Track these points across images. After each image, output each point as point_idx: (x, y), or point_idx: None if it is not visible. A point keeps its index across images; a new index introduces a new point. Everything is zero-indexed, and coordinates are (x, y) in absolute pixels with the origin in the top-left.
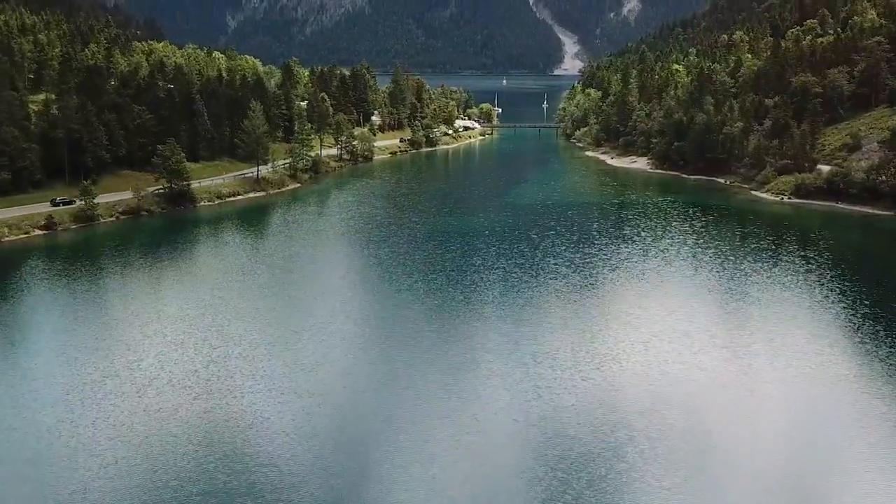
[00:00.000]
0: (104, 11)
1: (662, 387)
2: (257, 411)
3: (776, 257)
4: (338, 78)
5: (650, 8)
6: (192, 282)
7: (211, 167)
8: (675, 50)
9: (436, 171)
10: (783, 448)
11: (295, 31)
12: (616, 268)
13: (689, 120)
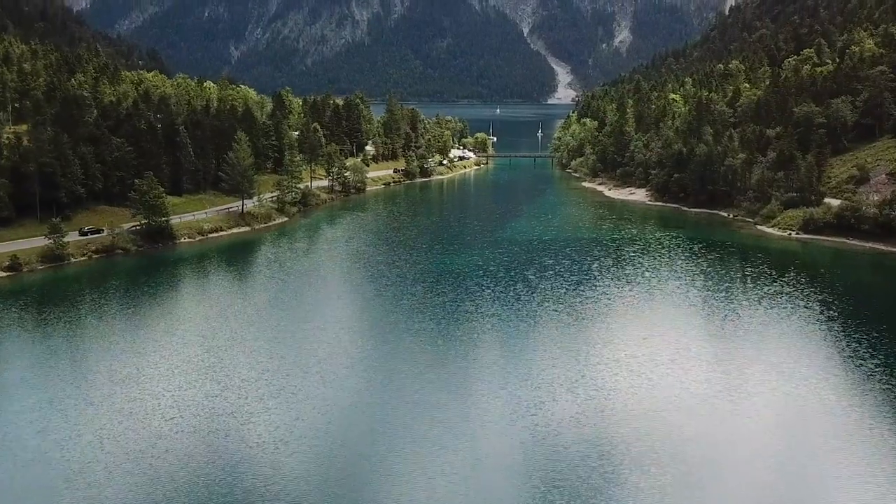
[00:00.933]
0: (107, 42)
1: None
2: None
3: (790, 301)
4: (331, 108)
5: (641, 39)
6: (164, 331)
7: (195, 201)
8: (671, 79)
9: (429, 203)
10: None
11: (296, 61)
12: (621, 314)
13: (689, 151)
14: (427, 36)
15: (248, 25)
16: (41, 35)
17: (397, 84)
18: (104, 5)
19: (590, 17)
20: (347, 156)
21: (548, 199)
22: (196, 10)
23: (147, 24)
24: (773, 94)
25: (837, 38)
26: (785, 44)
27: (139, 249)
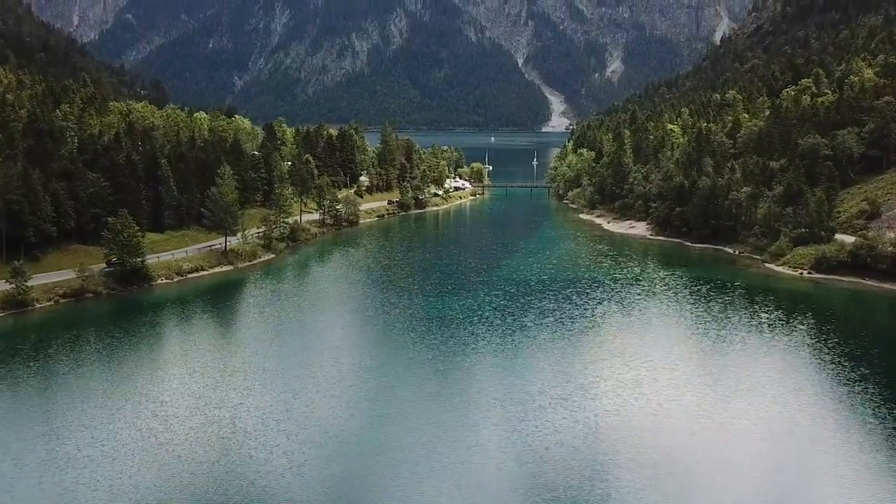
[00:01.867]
0: (111, 72)
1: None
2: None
3: (815, 354)
4: (324, 139)
5: (632, 69)
6: (125, 389)
7: (177, 238)
8: (667, 109)
9: (423, 237)
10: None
11: (298, 90)
12: (633, 368)
13: (691, 184)
14: (425, 66)
15: (251, 56)
16: (42, 66)
17: (396, 113)
18: (112, 37)
19: (582, 48)
20: (341, 187)
21: (545, 232)
22: (201, 41)
23: (154, 54)
24: (774, 125)
25: (835, 69)
26: (781, 74)
27: (111, 293)
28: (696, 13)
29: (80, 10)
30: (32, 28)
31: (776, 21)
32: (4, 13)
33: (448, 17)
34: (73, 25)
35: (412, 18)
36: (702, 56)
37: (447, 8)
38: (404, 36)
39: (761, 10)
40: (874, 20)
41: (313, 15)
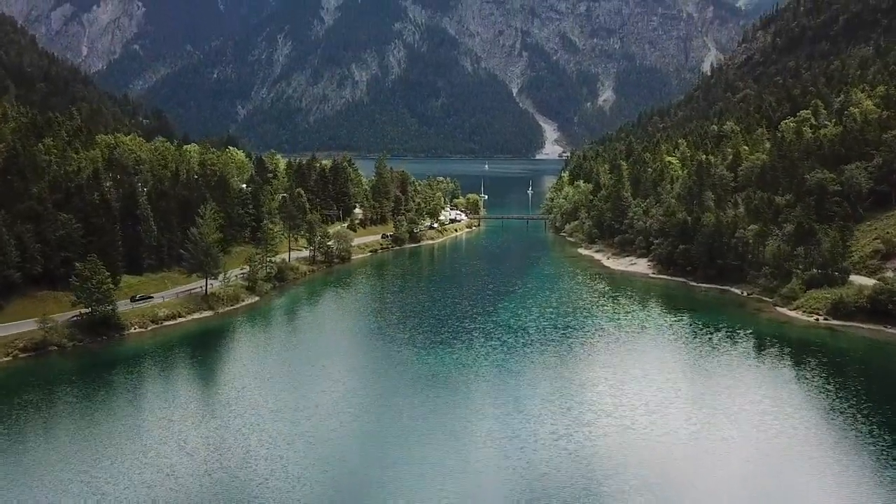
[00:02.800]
0: (113, 102)
1: None
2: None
3: (850, 422)
4: (317, 171)
5: (623, 98)
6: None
7: (156, 280)
8: (663, 139)
9: (417, 275)
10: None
11: (299, 119)
12: (649, 442)
13: (694, 220)
14: (422, 95)
15: (254, 86)
16: (43, 96)
17: (394, 140)
18: (120, 67)
19: (575, 77)
20: (334, 220)
21: (543, 269)
22: (205, 71)
23: (159, 84)
24: (778, 158)
25: (833, 99)
26: (778, 105)
27: (78, 345)
28: (684, 44)
29: (88, 41)
30: (34, 58)
31: (766, 52)
32: (7, 44)
33: (445, 49)
34: (82, 56)
35: (410, 50)
36: (693, 86)
37: (444, 40)
38: (402, 66)
39: (751, 41)
40: (865, 50)
41: (314, 46)
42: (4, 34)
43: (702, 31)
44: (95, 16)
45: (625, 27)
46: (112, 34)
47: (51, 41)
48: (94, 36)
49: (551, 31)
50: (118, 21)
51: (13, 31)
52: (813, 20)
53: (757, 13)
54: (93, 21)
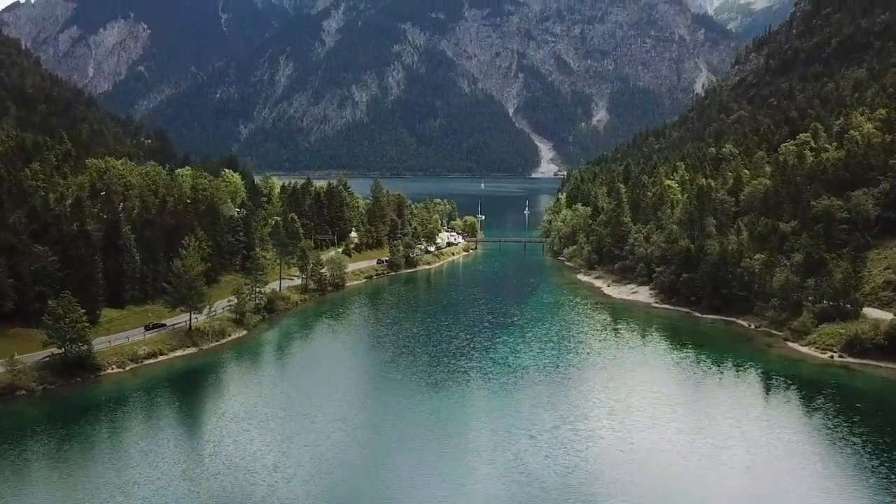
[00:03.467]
0: (116, 122)
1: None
2: None
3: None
4: (312, 196)
5: (616, 118)
6: None
7: (139, 313)
8: (660, 161)
9: (412, 304)
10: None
11: (300, 138)
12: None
13: (697, 249)
14: (421, 116)
15: (256, 106)
16: (44, 117)
17: (393, 159)
18: (125, 88)
19: (569, 98)
20: (329, 245)
21: (541, 297)
22: (209, 91)
23: (164, 104)
24: (782, 183)
25: (833, 122)
26: (776, 127)
27: (49, 388)
28: (676, 65)
29: (95, 63)
30: (36, 80)
31: (759, 73)
32: (10, 66)
33: (443, 70)
34: (89, 77)
35: (409, 71)
36: (687, 107)
37: (442, 61)
38: (401, 87)
39: (744, 63)
40: (858, 72)
41: (315, 67)
42: (7, 56)
43: (693, 53)
44: (102, 38)
45: (618, 49)
46: (118, 56)
47: (58, 62)
48: (101, 57)
49: (546, 53)
50: (124, 43)
51: (17, 53)
52: (805, 42)
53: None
54: (99, 43)
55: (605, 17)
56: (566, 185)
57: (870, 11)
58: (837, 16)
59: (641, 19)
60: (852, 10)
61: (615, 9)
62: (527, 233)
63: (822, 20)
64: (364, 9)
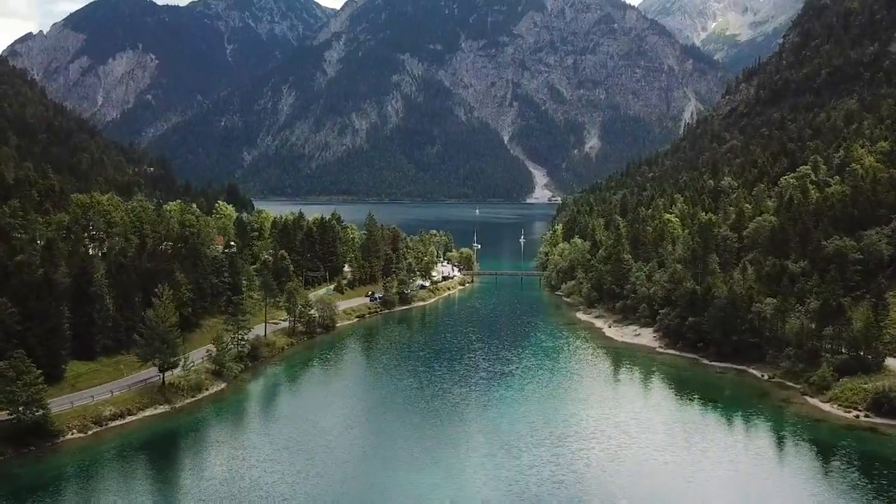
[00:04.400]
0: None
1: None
2: None
3: None
4: (303, 230)
5: (608, 145)
6: None
7: (109, 367)
8: (655, 191)
9: (405, 348)
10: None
11: (302, 165)
12: None
13: (704, 291)
14: (419, 143)
15: (259, 133)
16: (43, 147)
17: (392, 185)
18: (133, 116)
19: (562, 126)
20: (321, 281)
21: (540, 340)
22: (214, 119)
23: (170, 131)
24: (789, 221)
25: (833, 155)
26: (774, 159)
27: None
28: (665, 94)
29: (104, 92)
30: (39, 110)
31: (750, 103)
32: (13, 96)
33: (440, 99)
34: (98, 105)
35: (407, 100)
36: (679, 136)
37: (439, 91)
38: (400, 115)
39: (734, 93)
40: (850, 103)
41: (317, 96)
42: (11, 86)
43: (682, 83)
44: (111, 68)
45: (609, 79)
46: (126, 85)
47: (68, 91)
48: (110, 86)
49: (540, 82)
50: (132, 73)
51: (21, 82)
52: (795, 73)
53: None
54: (108, 73)
55: (597, 48)
56: (561, 213)
57: (859, 43)
58: (826, 47)
59: (632, 50)
60: (841, 41)
61: (606, 40)
62: (523, 263)
63: (811, 51)
64: (364, 40)
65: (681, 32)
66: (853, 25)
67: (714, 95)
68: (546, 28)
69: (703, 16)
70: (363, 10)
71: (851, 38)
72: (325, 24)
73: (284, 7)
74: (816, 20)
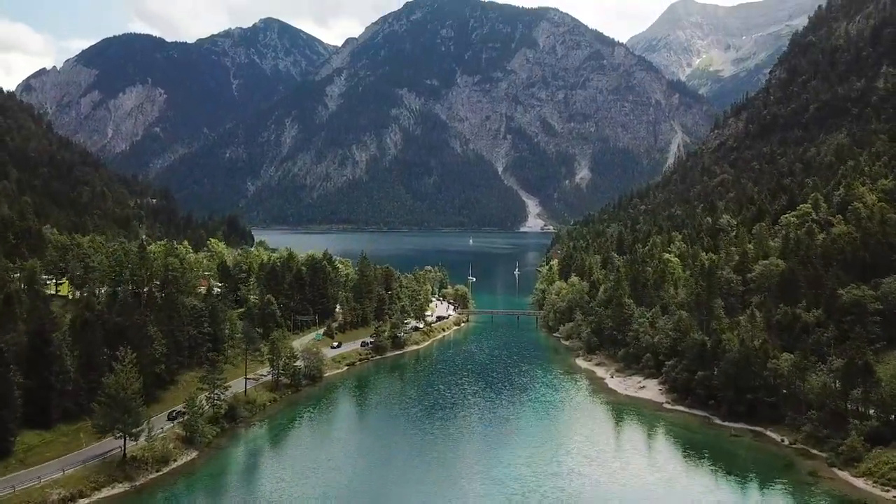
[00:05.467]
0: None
1: None
2: None
3: None
4: (293, 272)
5: (598, 176)
6: None
7: (69, 435)
8: (653, 231)
9: (395, 404)
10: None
11: (304, 195)
12: None
13: (714, 344)
14: (416, 173)
15: (263, 164)
16: (44, 181)
17: (390, 214)
18: (142, 147)
19: (554, 157)
20: (311, 325)
21: (539, 393)
22: (219, 151)
23: (177, 163)
24: (798, 264)
25: (833, 193)
26: (772, 196)
27: None
28: (653, 127)
29: (114, 125)
30: (43, 144)
31: (739, 137)
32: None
33: (437, 132)
34: (108, 137)
35: (405, 132)
36: (669, 168)
37: (436, 124)
38: (398, 147)
39: (723, 128)
40: (840, 138)
41: (319, 129)
42: (16, 120)
43: (669, 116)
44: (121, 102)
45: (599, 112)
46: (136, 118)
47: (80, 124)
48: (120, 119)
49: (533, 116)
50: (142, 106)
51: (26, 117)
52: (783, 108)
53: (717, 99)
54: (118, 106)
55: (587, 84)
56: (555, 245)
57: (845, 79)
58: (813, 83)
59: (620, 85)
60: (828, 77)
61: (596, 76)
62: (518, 298)
63: (798, 87)
64: (364, 75)
65: (667, 68)
66: (839, 62)
67: (699, 128)
68: (538, 64)
69: (688, 52)
70: (363, 47)
71: (838, 73)
72: (327, 61)
73: (288, 44)
74: (802, 56)
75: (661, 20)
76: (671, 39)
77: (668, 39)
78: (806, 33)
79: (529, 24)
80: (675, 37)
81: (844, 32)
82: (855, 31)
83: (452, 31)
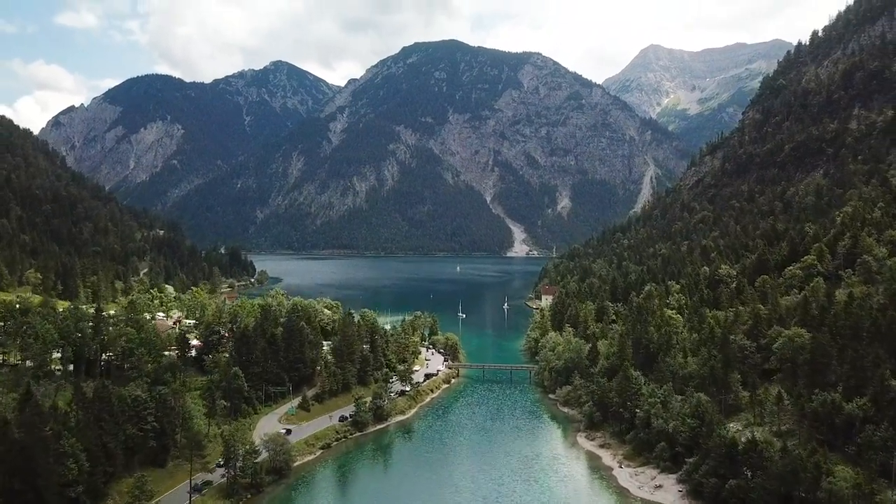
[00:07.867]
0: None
1: None
2: None
3: None
4: (266, 338)
5: (578, 205)
6: None
7: None
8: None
9: (374, 498)
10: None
11: (308, 222)
12: None
13: (748, 446)
14: (412, 202)
15: (271, 194)
16: (46, 218)
17: (387, 240)
18: (161, 178)
19: (538, 188)
20: (284, 396)
21: (537, 491)
22: (230, 182)
23: (193, 192)
24: (830, 339)
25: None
26: (770, 243)
27: None
28: (628, 161)
29: (135, 157)
30: (50, 180)
31: (716, 175)
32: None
33: (431, 165)
34: (129, 169)
35: (402, 165)
36: (649, 201)
37: (430, 157)
38: (395, 179)
39: (699, 165)
40: (818, 177)
41: (323, 161)
42: (24, 158)
43: (642, 151)
44: (142, 136)
45: (578, 147)
46: (155, 151)
47: (104, 157)
48: (140, 152)
49: (518, 150)
50: (161, 140)
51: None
52: (759, 148)
53: (686, 135)
54: (140, 140)
55: (567, 121)
56: (544, 279)
57: (818, 120)
58: (787, 123)
59: (598, 122)
60: (801, 118)
61: (575, 114)
62: (508, 338)
63: (772, 127)
64: (364, 113)
65: (639, 107)
66: (811, 104)
67: (669, 161)
68: (523, 104)
69: (658, 93)
70: (364, 87)
71: (811, 115)
72: (331, 99)
73: (296, 84)
74: (774, 98)
75: (634, 64)
76: (643, 81)
77: (640, 81)
78: (776, 77)
79: (515, 67)
80: (646, 79)
81: (815, 76)
82: (825, 75)
83: (445, 73)
